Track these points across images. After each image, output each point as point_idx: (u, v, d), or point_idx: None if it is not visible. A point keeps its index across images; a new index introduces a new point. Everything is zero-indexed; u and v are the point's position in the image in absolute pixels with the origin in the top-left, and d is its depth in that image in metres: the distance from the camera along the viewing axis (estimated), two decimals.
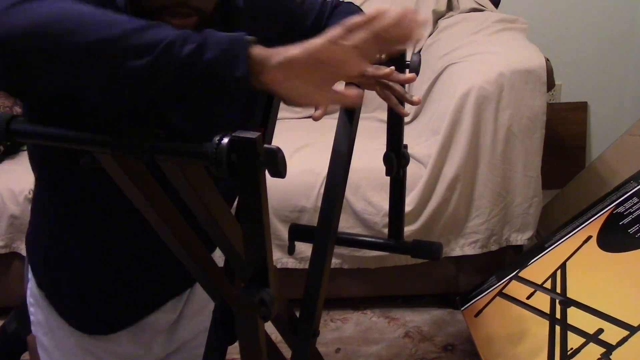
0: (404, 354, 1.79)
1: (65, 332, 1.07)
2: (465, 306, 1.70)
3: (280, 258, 1.81)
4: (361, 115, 1.06)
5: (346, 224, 1.79)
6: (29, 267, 1.12)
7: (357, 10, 1.12)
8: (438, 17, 2.30)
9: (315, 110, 0.97)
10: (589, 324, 1.34)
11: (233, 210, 1.24)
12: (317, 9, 1.09)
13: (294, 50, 0.68)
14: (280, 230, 1.78)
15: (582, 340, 1.32)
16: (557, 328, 1.39)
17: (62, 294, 1.06)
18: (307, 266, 1.01)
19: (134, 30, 0.67)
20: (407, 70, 1.03)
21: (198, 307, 1.16)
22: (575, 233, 1.61)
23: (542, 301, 1.49)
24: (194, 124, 0.92)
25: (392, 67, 0.96)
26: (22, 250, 1.85)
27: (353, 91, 0.74)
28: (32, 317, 1.12)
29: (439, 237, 1.81)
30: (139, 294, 1.08)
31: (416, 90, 2.12)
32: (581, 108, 2.58)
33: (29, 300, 1.12)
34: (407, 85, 2.38)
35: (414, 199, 1.76)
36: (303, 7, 1.08)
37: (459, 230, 1.83)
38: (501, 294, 1.61)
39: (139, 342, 1.11)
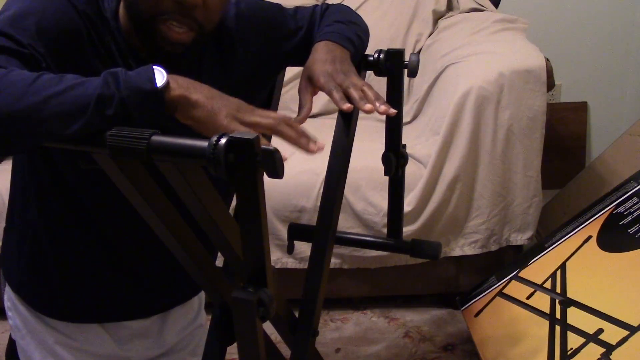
0: (404, 354, 1.78)
1: (44, 332, 1.07)
2: (465, 306, 1.70)
3: (280, 258, 1.81)
4: (360, 115, 1.06)
5: (346, 224, 1.79)
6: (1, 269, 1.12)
7: (347, 10, 1.11)
8: (438, 17, 2.29)
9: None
10: (589, 324, 1.34)
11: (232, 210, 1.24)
12: (308, 19, 1.08)
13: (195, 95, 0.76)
14: (279, 230, 1.78)
15: (582, 340, 1.31)
16: (557, 328, 1.39)
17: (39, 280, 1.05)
18: (306, 266, 1.00)
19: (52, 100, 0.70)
20: (406, 70, 1.03)
21: (183, 310, 1.17)
22: (575, 233, 1.61)
23: (542, 301, 1.48)
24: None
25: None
26: None
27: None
28: (10, 322, 1.11)
29: (439, 237, 1.81)
30: (113, 300, 1.08)
31: (416, 90, 2.12)
32: (581, 108, 2.58)
33: (6, 304, 1.12)
34: (407, 85, 2.36)
35: (414, 199, 1.76)
36: (296, 19, 1.07)
37: (459, 230, 1.82)
38: (501, 294, 1.61)
39: (116, 340, 1.10)
